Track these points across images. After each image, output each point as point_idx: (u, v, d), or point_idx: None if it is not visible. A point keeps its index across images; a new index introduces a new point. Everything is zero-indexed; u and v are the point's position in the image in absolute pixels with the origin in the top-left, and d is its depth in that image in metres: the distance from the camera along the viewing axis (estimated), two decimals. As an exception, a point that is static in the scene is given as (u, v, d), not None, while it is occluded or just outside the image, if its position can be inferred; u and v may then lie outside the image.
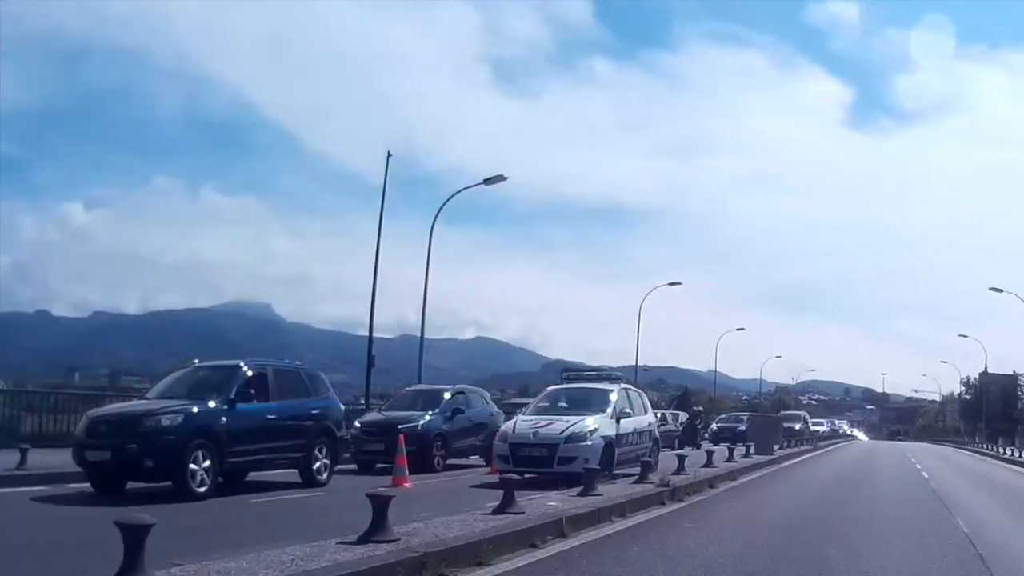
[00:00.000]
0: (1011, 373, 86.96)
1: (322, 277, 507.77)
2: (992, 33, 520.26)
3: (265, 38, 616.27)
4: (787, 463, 25.73)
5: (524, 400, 34.20)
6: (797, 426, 51.48)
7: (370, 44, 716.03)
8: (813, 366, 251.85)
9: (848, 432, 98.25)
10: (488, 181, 33.72)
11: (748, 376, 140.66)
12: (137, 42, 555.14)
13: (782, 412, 60.10)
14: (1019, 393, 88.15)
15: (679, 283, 54.31)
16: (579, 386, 19.76)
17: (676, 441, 35.55)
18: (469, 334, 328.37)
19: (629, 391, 19.53)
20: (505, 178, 33.82)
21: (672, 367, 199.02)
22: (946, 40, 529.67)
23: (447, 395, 21.36)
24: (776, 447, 28.52)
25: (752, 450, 24.99)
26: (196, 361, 15.45)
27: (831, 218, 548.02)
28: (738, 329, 73.29)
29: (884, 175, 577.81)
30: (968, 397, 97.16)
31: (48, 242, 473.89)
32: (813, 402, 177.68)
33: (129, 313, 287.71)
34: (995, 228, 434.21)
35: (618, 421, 17.85)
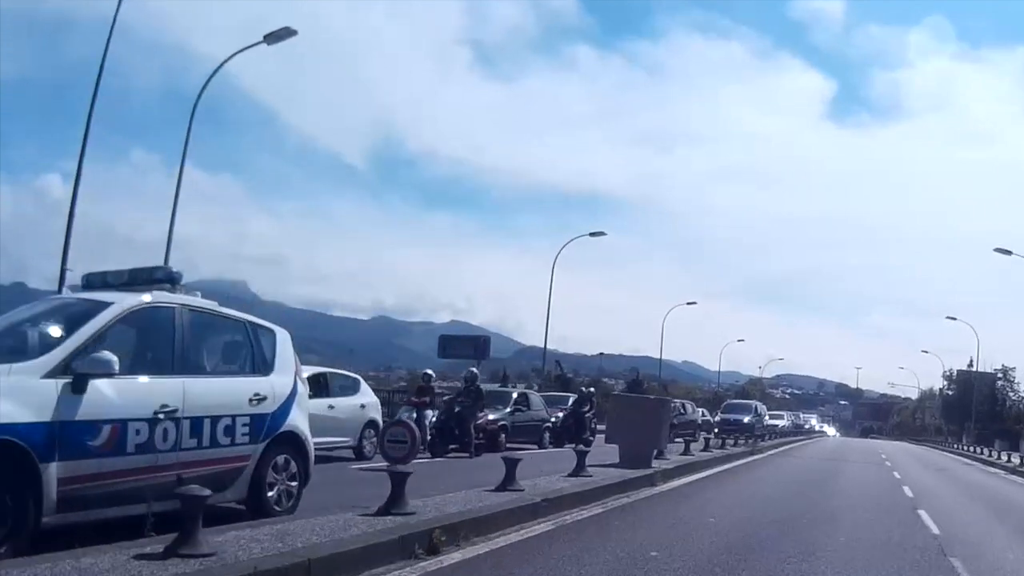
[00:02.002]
0: (1000, 367, 75.32)
1: (296, 257, 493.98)
2: (977, 32, 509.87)
3: (246, 15, 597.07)
4: (667, 486, 13.43)
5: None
6: (745, 419, 39.60)
7: (351, 25, 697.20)
8: (781, 355, 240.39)
9: (817, 428, 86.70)
10: (270, 38, 21.90)
11: (723, 368, 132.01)
12: (118, 14, 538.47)
13: (728, 402, 48.16)
14: (1008, 391, 76.47)
15: (603, 233, 42.22)
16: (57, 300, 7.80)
17: (545, 436, 23.44)
18: (444, 318, 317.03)
19: (164, 311, 7.31)
20: (293, 32, 21.96)
21: (646, 356, 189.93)
22: (930, 38, 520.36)
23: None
24: (658, 451, 16.33)
25: (584, 458, 12.75)
26: None
27: (808, 212, 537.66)
28: (688, 303, 61.37)
29: (863, 170, 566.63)
30: (950, 393, 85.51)
31: (24, 214, 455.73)
32: (786, 396, 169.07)
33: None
34: (975, 224, 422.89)
35: (76, 384, 5.93)
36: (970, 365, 79.64)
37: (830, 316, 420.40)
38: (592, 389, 26.98)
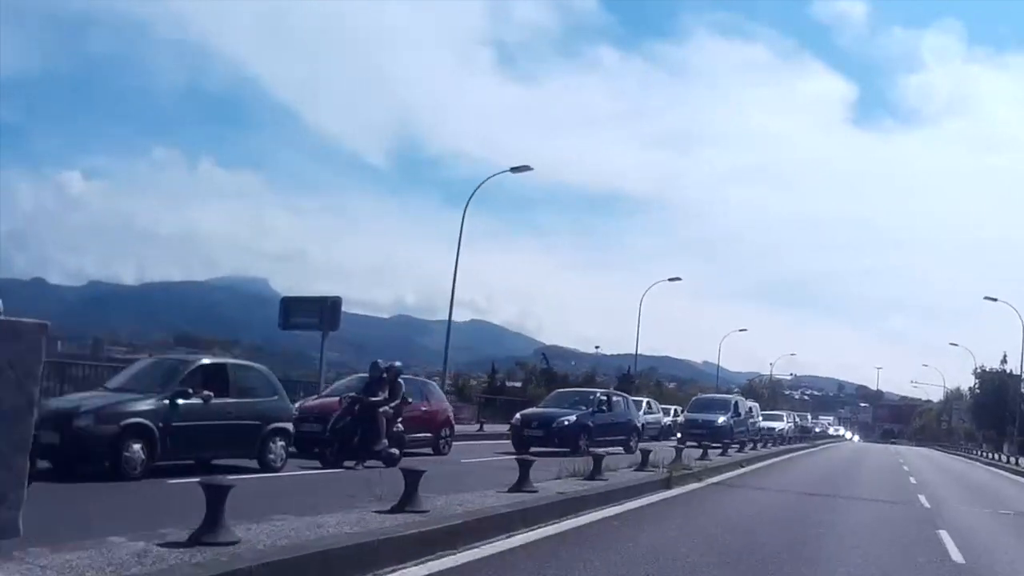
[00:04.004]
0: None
1: (317, 254, 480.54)
2: (999, 37, 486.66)
3: (267, 11, 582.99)
4: None
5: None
6: (719, 420, 27.73)
7: (372, 22, 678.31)
8: (794, 351, 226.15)
9: (833, 431, 74.15)
10: None
11: (745, 369, 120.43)
12: (139, 13, 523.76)
13: (697, 397, 36.05)
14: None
15: (528, 168, 30.28)
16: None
17: (276, 445, 11.93)
18: (465, 316, 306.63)
19: None
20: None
21: (666, 356, 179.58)
22: (953, 42, 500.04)
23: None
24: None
25: None
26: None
27: (829, 214, 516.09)
28: (672, 278, 49.63)
29: (884, 173, 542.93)
30: (978, 391, 72.37)
31: (46, 210, 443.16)
32: (805, 397, 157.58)
33: (125, 284, 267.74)
34: (995, 231, 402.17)
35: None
36: (1004, 361, 66.91)
37: (849, 319, 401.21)
38: (398, 364, 15.26)
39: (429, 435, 17.98)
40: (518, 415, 20.33)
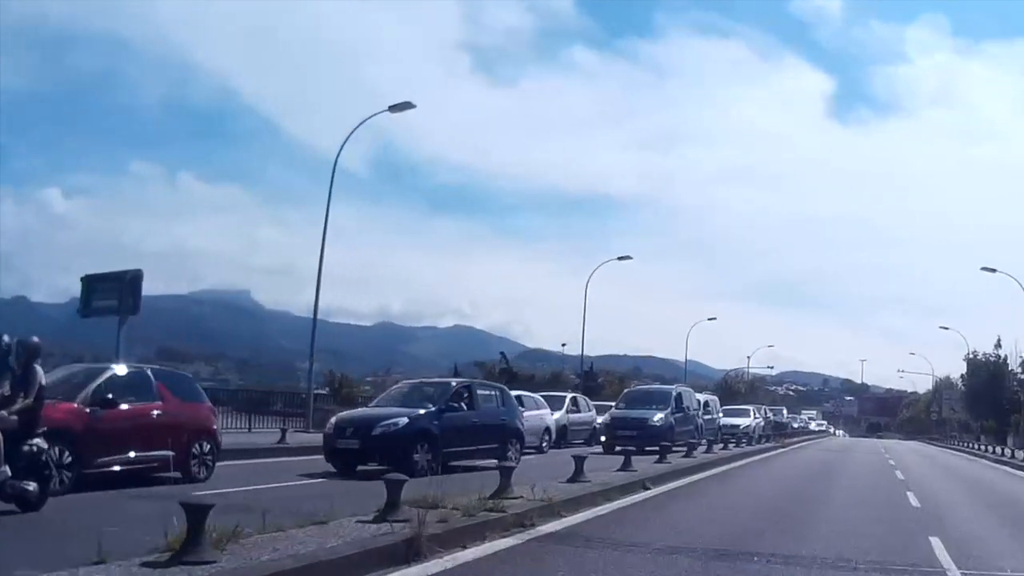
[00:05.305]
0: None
1: (302, 265, 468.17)
2: (977, 27, 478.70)
3: (248, 26, 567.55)
4: None
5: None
6: (655, 418, 21.38)
7: (351, 32, 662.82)
8: (772, 343, 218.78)
9: (815, 427, 67.59)
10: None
11: (729, 366, 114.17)
12: (120, 29, 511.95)
13: (630, 389, 29.43)
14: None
15: (411, 104, 22.92)
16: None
17: None
18: (448, 322, 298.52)
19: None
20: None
21: (650, 356, 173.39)
22: (931, 34, 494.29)
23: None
24: None
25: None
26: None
27: (813, 210, 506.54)
28: (621, 257, 42.74)
29: (866, 168, 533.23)
30: (970, 379, 65.72)
31: (27, 228, 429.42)
32: (790, 392, 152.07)
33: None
34: (978, 222, 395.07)
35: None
36: (998, 346, 60.59)
37: (835, 314, 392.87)
38: (35, 339, 8.77)
39: (169, 453, 11.41)
40: (332, 419, 13.65)
